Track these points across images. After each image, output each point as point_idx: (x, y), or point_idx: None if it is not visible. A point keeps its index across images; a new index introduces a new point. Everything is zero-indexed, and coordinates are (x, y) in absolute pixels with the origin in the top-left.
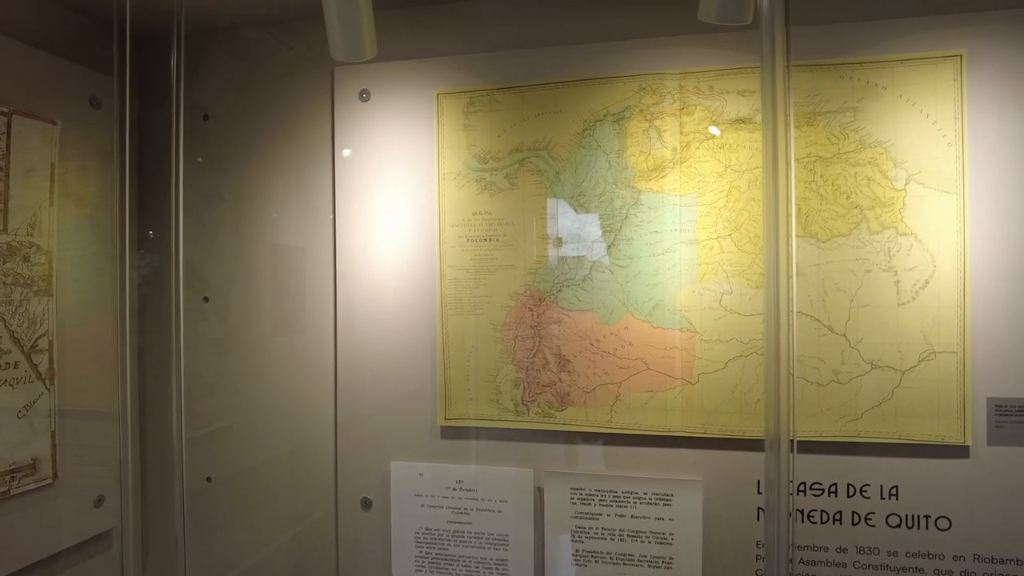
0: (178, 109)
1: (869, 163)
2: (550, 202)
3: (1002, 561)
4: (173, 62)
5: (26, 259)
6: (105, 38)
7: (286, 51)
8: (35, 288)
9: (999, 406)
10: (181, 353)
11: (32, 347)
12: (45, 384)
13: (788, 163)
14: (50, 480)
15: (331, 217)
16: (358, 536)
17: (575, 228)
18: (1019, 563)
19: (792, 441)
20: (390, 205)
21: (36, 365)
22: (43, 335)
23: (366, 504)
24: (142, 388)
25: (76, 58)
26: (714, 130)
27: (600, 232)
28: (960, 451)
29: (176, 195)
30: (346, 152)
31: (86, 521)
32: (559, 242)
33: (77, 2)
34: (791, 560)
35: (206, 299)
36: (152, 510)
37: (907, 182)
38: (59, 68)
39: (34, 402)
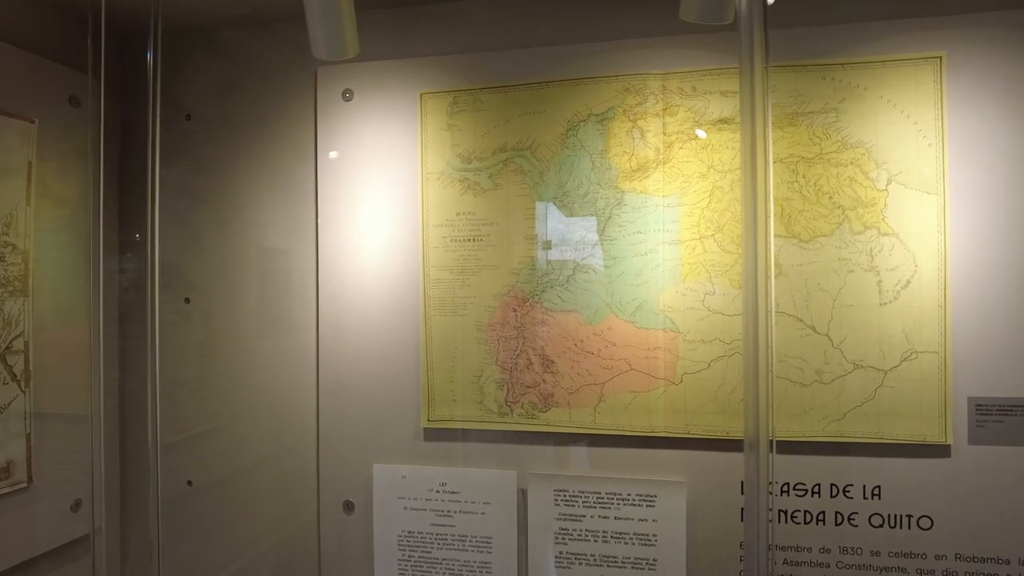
0: (155, 106)
1: (851, 163)
2: (534, 202)
3: (983, 560)
4: (150, 59)
5: (1, 259)
6: (86, 36)
7: (269, 51)
8: (10, 288)
9: (979, 405)
10: (156, 356)
11: (7, 348)
12: (20, 386)
13: (767, 163)
14: (25, 484)
15: (314, 217)
16: (340, 539)
17: (559, 228)
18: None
19: (772, 441)
20: (373, 205)
21: (11, 367)
22: (18, 336)
23: (348, 507)
24: (123, 391)
25: (55, 56)
26: (701, 133)
27: (584, 232)
28: (941, 450)
29: (152, 195)
30: (332, 155)
31: (63, 526)
32: (546, 244)
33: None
34: (771, 561)
35: (187, 300)
36: (132, 515)
37: (888, 182)
38: (38, 66)
39: (8, 404)
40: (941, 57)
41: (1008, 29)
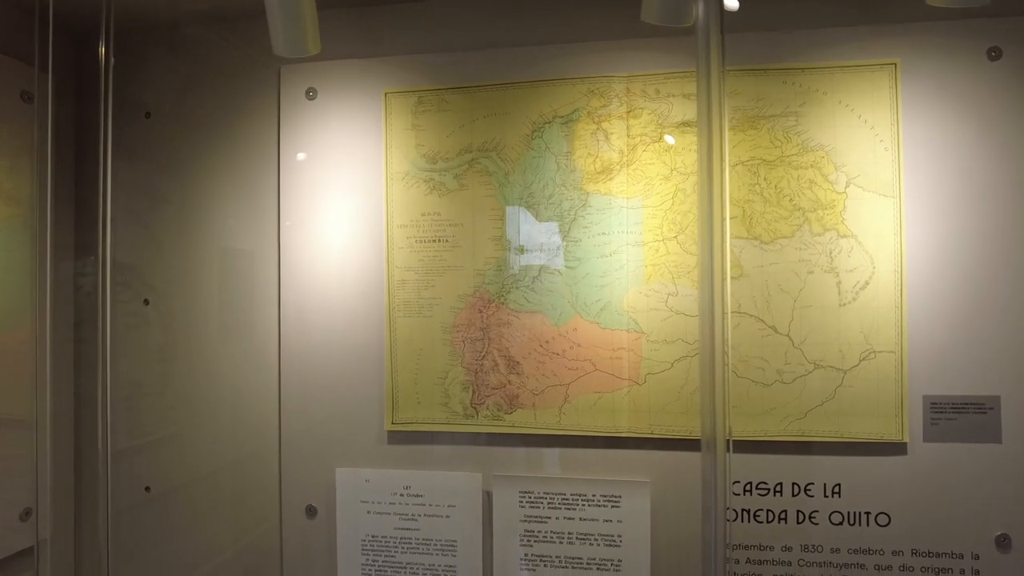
0: (107, 101)
1: (811, 166)
2: (499, 203)
3: (938, 555)
4: (101, 52)
5: None
6: (40, 31)
7: (231, 49)
8: None
9: (934, 404)
10: (107, 359)
11: None
12: None
13: (723, 166)
14: None
15: (276, 218)
16: (303, 544)
17: (524, 230)
18: (953, 556)
19: (728, 441)
20: (337, 205)
21: None
22: None
23: (311, 512)
24: (79, 395)
25: (6, 50)
26: (669, 139)
27: (549, 234)
28: (898, 448)
29: (104, 192)
30: (300, 156)
31: (11, 536)
32: (511, 245)
33: None
34: (728, 559)
35: (146, 301)
36: (86, 523)
37: (847, 185)
38: None
39: None
40: (895, 64)
41: (958, 38)
